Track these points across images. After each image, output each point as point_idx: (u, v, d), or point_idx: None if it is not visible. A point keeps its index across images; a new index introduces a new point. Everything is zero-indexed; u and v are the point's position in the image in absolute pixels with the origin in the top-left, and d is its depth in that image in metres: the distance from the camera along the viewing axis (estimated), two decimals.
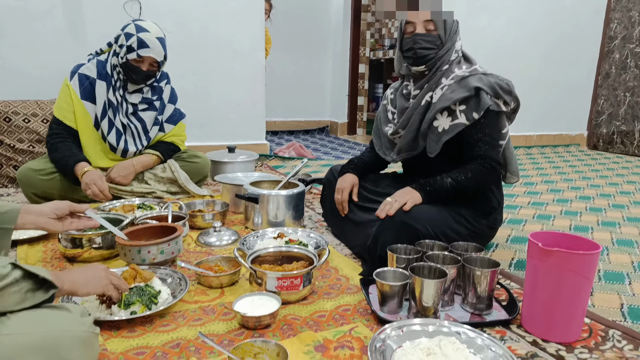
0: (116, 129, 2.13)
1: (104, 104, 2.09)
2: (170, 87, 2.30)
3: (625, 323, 1.23)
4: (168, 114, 2.29)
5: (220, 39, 3.26)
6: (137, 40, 1.99)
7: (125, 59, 2.02)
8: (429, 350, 0.96)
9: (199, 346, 1.04)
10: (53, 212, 1.15)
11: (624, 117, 4.20)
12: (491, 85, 1.48)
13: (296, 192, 1.86)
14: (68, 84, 2.08)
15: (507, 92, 1.50)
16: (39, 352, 0.75)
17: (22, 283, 0.81)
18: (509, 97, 1.51)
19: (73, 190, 2.07)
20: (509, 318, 1.18)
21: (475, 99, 1.47)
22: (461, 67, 1.54)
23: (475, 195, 1.55)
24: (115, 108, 2.11)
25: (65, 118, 2.07)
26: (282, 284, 1.23)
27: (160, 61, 2.09)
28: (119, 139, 2.14)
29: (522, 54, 4.20)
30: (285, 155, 3.61)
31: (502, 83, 1.50)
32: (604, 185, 2.93)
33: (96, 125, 2.12)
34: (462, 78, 1.51)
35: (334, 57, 5.31)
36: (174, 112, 2.30)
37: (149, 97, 2.19)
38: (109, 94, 2.09)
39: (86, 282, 1.00)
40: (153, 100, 2.20)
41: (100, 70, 2.09)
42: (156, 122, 2.23)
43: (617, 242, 1.87)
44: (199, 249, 1.65)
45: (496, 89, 1.48)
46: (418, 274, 1.17)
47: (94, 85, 2.08)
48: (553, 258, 1.06)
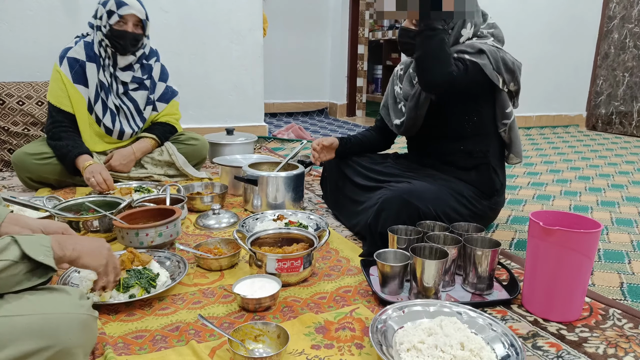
0: (110, 111, 2.10)
1: (96, 86, 2.06)
2: (161, 64, 2.25)
3: (625, 302, 1.23)
4: (160, 92, 2.25)
5: (218, 18, 3.20)
6: (114, 2, 1.96)
7: (109, 27, 1.98)
8: (430, 331, 0.96)
9: (199, 329, 1.03)
10: (40, 230, 1.05)
11: (623, 97, 4.17)
12: (495, 57, 1.45)
13: (295, 174, 1.84)
14: (58, 70, 2.04)
15: (509, 70, 1.47)
16: (37, 334, 0.74)
17: (21, 265, 0.79)
18: (509, 76, 1.48)
19: (68, 175, 2.05)
20: (509, 298, 1.18)
21: (476, 55, 1.46)
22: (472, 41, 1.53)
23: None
24: (106, 89, 2.08)
25: (62, 104, 2.04)
26: (282, 266, 1.22)
27: (144, 20, 2.04)
28: (113, 120, 2.11)
29: (524, 33, 4.14)
30: (284, 137, 3.58)
31: (508, 60, 1.47)
32: (603, 165, 2.92)
33: (89, 109, 2.08)
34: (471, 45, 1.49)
35: (332, 38, 5.24)
36: (165, 90, 2.27)
37: (139, 76, 2.15)
38: (100, 75, 2.06)
39: (89, 253, 0.96)
40: (143, 79, 2.17)
41: (89, 52, 2.05)
42: (149, 102, 2.20)
43: (616, 222, 1.87)
44: (197, 232, 1.64)
45: (499, 63, 1.46)
46: (419, 254, 1.17)
47: (84, 68, 2.04)
48: (554, 237, 1.05)
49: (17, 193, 2.05)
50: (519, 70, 1.50)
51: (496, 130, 1.58)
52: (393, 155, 1.83)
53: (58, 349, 0.76)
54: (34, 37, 2.69)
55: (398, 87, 1.72)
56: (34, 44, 2.69)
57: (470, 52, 1.47)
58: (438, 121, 1.59)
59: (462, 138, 1.56)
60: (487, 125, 1.57)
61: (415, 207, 1.37)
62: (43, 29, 2.70)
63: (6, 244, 0.79)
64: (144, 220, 1.47)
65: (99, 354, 0.93)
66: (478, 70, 1.45)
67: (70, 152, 1.97)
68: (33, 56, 2.68)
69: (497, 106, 1.54)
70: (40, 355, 0.74)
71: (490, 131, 1.58)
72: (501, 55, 1.47)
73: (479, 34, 1.55)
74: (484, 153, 1.57)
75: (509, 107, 1.53)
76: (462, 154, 1.58)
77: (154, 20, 2.98)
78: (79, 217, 1.47)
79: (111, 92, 2.10)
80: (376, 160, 1.78)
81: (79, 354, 0.80)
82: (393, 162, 1.75)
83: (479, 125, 1.55)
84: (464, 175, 1.58)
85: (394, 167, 1.71)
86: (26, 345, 0.73)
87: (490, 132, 1.58)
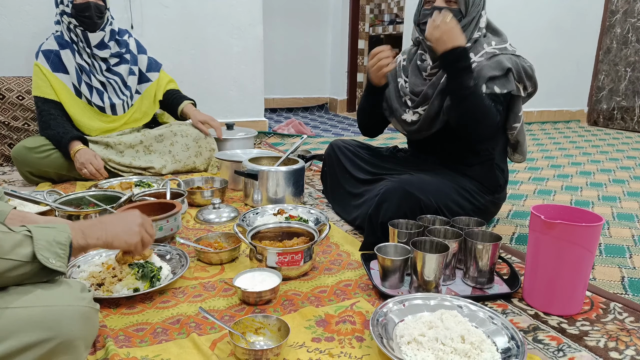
0: (96, 90, 2.17)
1: (75, 70, 2.12)
2: (134, 39, 2.34)
3: (626, 296, 1.23)
4: (144, 63, 2.33)
5: (218, 13, 3.19)
6: None
7: (71, 5, 2.04)
8: (430, 324, 0.96)
9: (200, 322, 1.03)
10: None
11: (625, 92, 4.16)
12: (518, 69, 1.45)
13: (296, 169, 1.84)
14: (37, 64, 2.11)
15: (529, 77, 1.47)
16: (39, 326, 0.74)
17: (30, 265, 0.77)
18: (530, 82, 1.48)
19: (69, 168, 2.06)
20: (510, 292, 1.18)
21: (504, 79, 1.44)
22: (490, 43, 1.49)
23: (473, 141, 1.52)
24: (88, 71, 2.14)
25: (46, 94, 2.10)
26: (282, 260, 1.22)
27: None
28: (102, 97, 2.17)
29: (526, 28, 4.12)
30: (285, 132, 3.58)
31: (527, 67, 1.47)
32: (604, 160, 2.92)
33: (78, 94, 2.14)
34: (493, 55, 1.47)
35: (333, 33, 5.23)
36: (150, 61, 2.36)
37: (118, 50, 2.22)
38: (77, 59, 2.12)
39: (120, 236, 0.94)
40: (122, 52, 2.24)
41: (60, 41, 2.12)
42: (131, 72, 2.27)
43: (617, 217, 1.86)
44: (198, 226, 1.64)
45: (521, 73, 1.46)
46: (419, 248, 1.17)
47: (59, 56, 2.11)
48: (555, 230, 1.05)
49: (18, 187, 2.05)
50: (534, 73, 1.49)
51: (504, 129, 1.57)
52: (393, 149, 1.82)
53: (60, 341, 0.76)
54: (33, 31, 2.68)
55: (402, 80, 1.64)
56: (33, 39, 2.68)
57: (498, 76, 1.43)
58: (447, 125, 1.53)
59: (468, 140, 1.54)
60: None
61: (416, 199, 1.37)
62: (42, 24, 2.69)
63: (20, 240, 0.76)
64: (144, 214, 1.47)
65: (100, 346, 0.93)
66: (507, 95, 1.46)
67: (62, 139, 2.01)
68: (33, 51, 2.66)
69: (511, 112, 1.53)
70: (42, 347, 0.74)
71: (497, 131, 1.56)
72: (521, 63, 1.46)
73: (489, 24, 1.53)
74: (489, 151, 1.56)
75: (521, 110, 1.53)
76: (466, 152, 1.57)
77: (155, 16, 2.99)
78: (79, 211, 1.47)
79: (94, 72, 2.16)
80: (377, 154, 1.77)
81: (80, 345, 0.80)
82: (394, 156, 1.74)
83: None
84: (467, 170, 1.57)
85: (394, 161, 1.70)
86: (28, 337, 0.73)
87: (498, 132, 1.57)
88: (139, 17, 2.91)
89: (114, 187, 1.88)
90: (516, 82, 1.46)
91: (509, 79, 1.44)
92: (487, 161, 1.56)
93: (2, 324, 0.72)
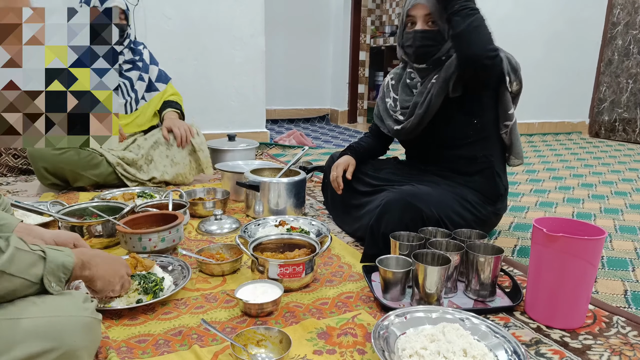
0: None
1: None
2: (149, 51, 2.41)
3: (629, 309, 1.23)
4: (155, 74, 2.39)
5: (220, 24, 3.22)
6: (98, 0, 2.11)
7: None
8: (432, 337, 0.95)
9: (202, 333, 1.03)
10: (52, 240, 1.09)
11: (626, 104, 4.16)
12: (506, 56, 1.48)
13: (297, 180, 1.84)
14: None
15: (513, 69, 1.50)
16: (43, 337, 0.75)
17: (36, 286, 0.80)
18: (514, 75, 1.50)
19: (84, 166, 2.09)
20: (512, 305, 1.18)
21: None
22: None
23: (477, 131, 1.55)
24: None
25: None
26: (284, 272, 1.22)
27: (126, 10, 2.19)
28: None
29: (527, 39, 4.16)
30: (286, 144, 3.59)
31: (512, 59, 1.50)
32: (606, 172, 2.92)
33: None
34: None
35: (334, 44, 5.26)
36: (160, 73, 2.42)
37: (132, 57, 2.31)
38: None
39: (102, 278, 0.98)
40: (135, 60, 2.31)
41: None
42: (140, 78, 2.32)
43: (620, 229, 1.86)
44: (200, 237, 1.64)
45: (510, 61, 1.49)
46: (421, 260, 1.17)
47: None
48: (558, 244, 1.05)
49: (22, 198, 2.06)
50: (520, 70, 1.52)
51: (498, 133, 1.58)
52: (394, 161, 1.83)
53: (63, 351, 0.77)
54: None
55: (391, 100, 1.69)
56: None
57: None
58: (439, 128, 1.56)
59: (464, 145, 1.55)
60: (489, 128, 1.56)
61: (418, 210, 1.37)
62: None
63: (35, 261, 0.78)
64: (146, 226, 1.47)
65: (102, 357, 0.93)
66: (501, 61, 1.46)
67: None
68: None
69: (500, 107, 1.54)
70: (45, 357, 0.75)
71: (492, 134, 1.57)
72: (507, 54, 1.50)
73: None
74: (487, 157, 1.57)
75: (511, 109, 1.54)
76: (465, 160, 1.58)
77: (157, 26, 3.02)
78: (82, 222, 1.47)
79: None
80: (377, 166, 1.78)
81: (83, 356, 0.80)
82: (394, 168, 1.75)
83: (481, 129, 1.54)
84: (468, 181, 1.57)
85: (395, 173, 1.70)
86: (32, 347, 0.73)
87: (492, 135, 1.58)
88: (142, 28, 2.94)
89: (116, 198, 1.88)
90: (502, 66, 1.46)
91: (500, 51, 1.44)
92: (487, 169, 1.57)
93: (6, 335, 0.72)
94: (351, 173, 1.70)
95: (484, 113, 1.54)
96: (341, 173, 1.70)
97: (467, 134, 1.55)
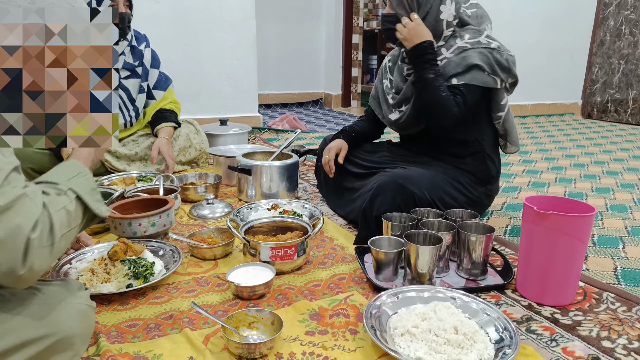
0: None
1: None
2: (151, 49, 2.21)
3: (618, 286, 1.24)
4: (154, 79, 2.21)
5: (210, 7, 3.17)
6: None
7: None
8: (424, 315, 0.96)
9: (193, 317, 1.03)
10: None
11: (618, 85, 4.16)
12: (490, 63, 1.45)
13: (290, 163, 1.83)
14: None
15: (504, 69, 1.46)
16: (37, 323, 0.75)
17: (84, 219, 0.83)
18: (506, 74, 1.48)
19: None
20: (503, 283, 1.18)
21: (467, 74, 1.45)
22: (463, 37, 1.49)
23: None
24: None
25: None
26: (276, 254, 1.22)
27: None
28: None
29: (520, 20, 4.13)
30: (279, 128, 3.57)
31: (502, 59, 1.46)
32: (598, 152, 2.92)
33: None
34: (463, 50, 1.47)
35: (327, 28, 5.20)
36: (160, 77, 2.23)
37: (130, 63, 2.11)
38: None
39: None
40: (135, 66, 2.13)
41: None
42: (141, 90, 2.16)
43: (610, 208, 1.87)
44: (191, 222, 1.63)
45: (494, 67, 1.45)
46: (413, 241, 1.17)
47: None
48: (548, 221, 1.05)
49: None
50: (514, 65, 1.48)
51: (490, 119, 1.58)
52: (387, 144, 1.82)
53: (58, 338, 0.77)
54: None
55: (387, 81, 1.70)
56: None
57: (460, 72, 1.45)
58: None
59: (455, 130, 1.55)
60: (481, 115, 1.56)
61: (410, 192, 1.37)
62: None
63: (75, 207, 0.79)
64: (137, 210, 1.46)
65: (92, 342, 0.92)
66: (475, 89, 1.46)
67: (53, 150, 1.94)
68: None
69: (493, 99, 1.53)
70: (40, 343, 0.74)
71: (483, 120, 1.57)
72: (494, 56, 1.45)
73: (461, 13, 1.51)
74: (478, 141, 1.56)
75: (504, 99, 1.53)
76: (456, 143, 1.57)
77: (146, 11, 2.96)
78: None
79: None
80: (370, 149, 1.77)
81: (77, 342, 0.81)
82: (387, 151, 1.74)
83: (473, 116, 1.54)
84: (459, 162, 1.57)
85: (388, 155, 1.70)
86: (27, 334, 0.73)
87: (484, 122, 1.57)
88: None
89: (115, 183, 1.87)
90: (491, 76, 1.45)
91: (474, 75, 1.44)
92: (478, 153, 1.56)
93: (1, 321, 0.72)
94: (343, 157, 1.70)
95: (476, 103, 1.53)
96: (333, 157, 1.69)
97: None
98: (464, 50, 1.46)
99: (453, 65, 1.46)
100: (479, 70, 1.44)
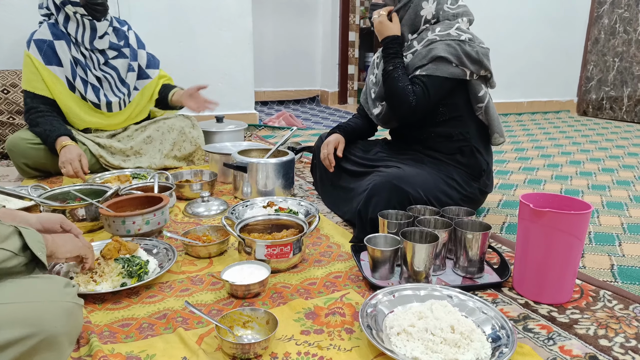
0: (91, 85, 2.07)
1: (70, 63, 2.02)
2: (134, 32, 2.24)
3: (615, 283, 1.23)
4: (144, 59, 2.24)
5: (207, 4, 3.14)
6: None
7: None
8: (420, 314, 0.95)
9: (187, 316, 1.02)
10: (39, 224, 1.04)
11: (613, 82, 4.17)
12: (457, 55, 1.45)
13: (285, 160, 1.82)
14: (28, 54, 2.00)
15: (474, 60, 1.46)
16: (21, 322, 0.72)
17: (20, 258, 0.79)
18: (477, 66, 1.47)
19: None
20: (500, 281, 1.18)
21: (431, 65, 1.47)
22: (434, 30, 1.50)
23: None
24: (84, 64, 2.04)
25: (36, 89, 2.00)
26: (271, 252, 1.21)
27: None
28: (97, 94, 2.08)
29: (515, 18, 4.12)
30: (275, 125, 3.55)
31: (472, 51, 1.45)
32: (594, 150, 2.93)
33: (71, 88, 2.04)
34: (430, 42, 1.49)
35: (323, 25, 5.18)
36: (149, 57, 2.27)
37: (116, 43, 2.12)
38: (72, 52, 2.02)
39: (64, 244, 0.98)
40: (121, 46, 2.14)
41: (54, 31, 2.01)
42: (130, 69, 2.18)
43: (607, 205, 1.87)
44: (186, 220, 1.62)
45: (462, 58, 1.45)
46: (409, 238, 1.16)
47: (53, 48, 1.99)
48: (544, 219, 1.04)
49: (3, 183, 2.02)
50: (486, 58, 1.48)
51: (472, 112, 1.57)
52: (382, 142, 1.81)
53: (42, 337, 0.74)
54: (18, 24, 2.62)
55: (373, 76, 1.73)
56: (18, 32, 2.63)
57: (425, 64, 1.48)
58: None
59: (438, 123, 1.55)
60: (461, 108, 1.55)
61: (405, 192, 1.36)
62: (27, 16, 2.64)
63: (9, 233, 0.78)
64: (131, 208, 1.45)
65: (83, 342, 0.91)
66: (439, 80, 1.47)
67: (49, 137, 1.93)
68: (18, 44, 2.62)
69: (470, 92, 1.53)
70: (24, 343, 0.72)
71: (465, 113, 1.56)
72: (463, 48, 1.45)
73: (442, 13, 1.52)
74: (463, 135, 1.56)
75: (482, 91, 1.52)
76: (441, 138, 1.57)
77: (142, 7, 2.94)
78: (65, 206, 1.45)
79: (90, 65, 2.07)
80: (365, 147, 1.76)
81: (64, 342, 0.78)
82: (382, 148, 1.73)
83: (453, 109, 1.54)
84: (450, 159, 1.56)
85: (383, 153, 1.69)
86: (10, 333, 0.71)
87: (465, 115, 1.56)
88: (126, 9, 2.85)
89: (110, 181, 1.86)
90: (459, 67, 1.46)
91: (438, 66, 1.46)
92: (465, 146, 1.55)
93: None
94: (341, 150, 1.70)
95: (454, 96, 1.53)
96: (332, 151, 1.68)
97: (437, 113, 1.55)
98: (431, 43, 1.49)
99: (419, 57, 1.50)
100: (444, 61, 1.46)
